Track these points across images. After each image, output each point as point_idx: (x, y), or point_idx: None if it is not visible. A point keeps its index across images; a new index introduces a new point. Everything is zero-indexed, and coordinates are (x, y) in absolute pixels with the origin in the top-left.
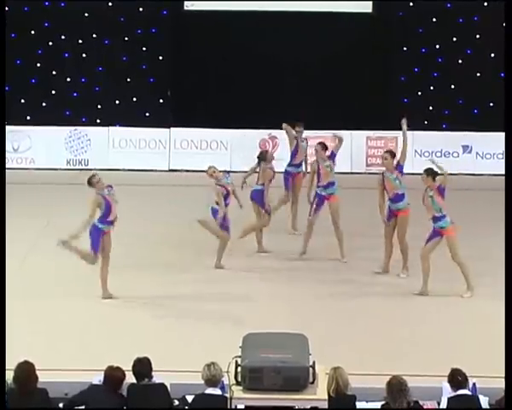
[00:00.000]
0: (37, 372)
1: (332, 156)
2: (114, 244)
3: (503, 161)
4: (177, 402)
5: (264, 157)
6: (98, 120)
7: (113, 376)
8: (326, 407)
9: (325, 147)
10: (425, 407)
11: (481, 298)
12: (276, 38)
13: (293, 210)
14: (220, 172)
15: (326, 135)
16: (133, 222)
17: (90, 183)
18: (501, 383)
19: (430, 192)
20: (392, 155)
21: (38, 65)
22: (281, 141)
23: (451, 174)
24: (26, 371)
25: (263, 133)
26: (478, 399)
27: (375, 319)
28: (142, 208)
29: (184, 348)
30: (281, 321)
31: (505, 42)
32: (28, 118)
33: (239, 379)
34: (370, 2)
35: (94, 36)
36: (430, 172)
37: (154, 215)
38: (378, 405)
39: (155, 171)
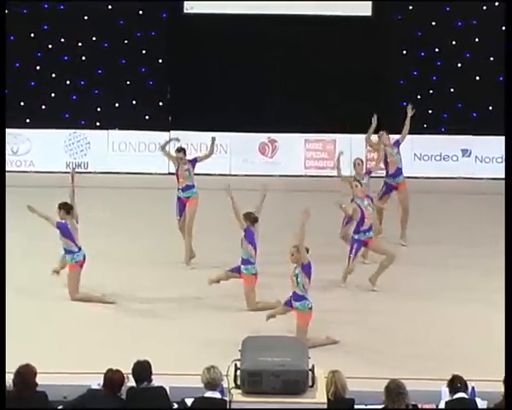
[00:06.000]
0: (37, 375)
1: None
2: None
3: (503, 164)
4: (176, 405)
5: None
6: (98, 123)
7: (114, 379)
8: None
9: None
10: None
11: (482, 302)
12: (275, 42)
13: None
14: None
15: (326, 139)
16: (132, 223)
17: None
18: (500, 387)
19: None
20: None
21: (38, 68)
22: (280, 144)
23: (450, 178)
24: (27, 374)
25: (262, 136)
26: (475, 402)
27: (373, 323)
28: (142, 211)
29: (184, 351)
30: (280, 325)
31: (505, 44)
32: (28, 121)
33: (238, 383)
34: (370, 6)
35: (93, 39)
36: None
37: (152, 217)
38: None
39: (155, 174)
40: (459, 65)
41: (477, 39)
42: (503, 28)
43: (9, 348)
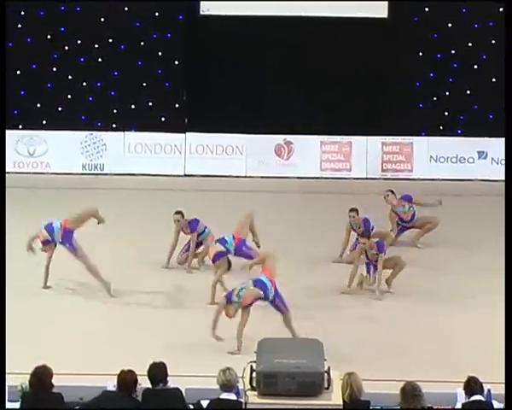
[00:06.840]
0: (53, 376)
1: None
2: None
3: None
4: (191, 407)
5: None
6: (114, 125)
7: (126, 379)
8: None
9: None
10: None
11: (497, 305)
12: (292, 43)
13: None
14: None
15: (342, 140)
16: (147, 224)
17: None
18: None
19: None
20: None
21: (54, 69)
22: (296, 146)
23: (466, 180)
24: (43, 375)
25: (278, 138)
26: (492, 405)
27: (385, 325)
28: (157, 212)
29: (199, 352)
30: (295, 327)
31: (506, 49)
32: (44, 122)
33: (254, 384)
34: (386, 8)
35: (109, 40)
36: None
37: (167, 219)
38: None
39: (171, 176)
40: (475, 67)
41: (493, 41)
42: (505, 29)
43: (11, 349)
